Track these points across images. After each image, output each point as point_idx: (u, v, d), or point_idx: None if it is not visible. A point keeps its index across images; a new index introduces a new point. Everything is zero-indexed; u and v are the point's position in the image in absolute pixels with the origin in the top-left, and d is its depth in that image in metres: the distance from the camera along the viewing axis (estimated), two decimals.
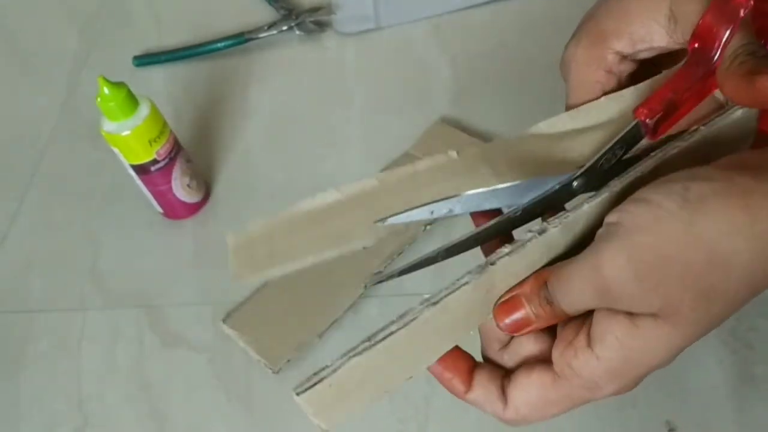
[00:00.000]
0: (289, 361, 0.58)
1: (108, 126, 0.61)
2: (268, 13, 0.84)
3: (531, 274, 0.35)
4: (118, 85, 0.59)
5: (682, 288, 0.30)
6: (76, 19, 0.89)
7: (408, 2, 0.82)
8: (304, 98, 0.77)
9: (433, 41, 0.77)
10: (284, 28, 0.81)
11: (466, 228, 0.49)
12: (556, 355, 0.34)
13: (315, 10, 0.82)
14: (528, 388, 0.35)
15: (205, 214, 0.69)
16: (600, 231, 0.32)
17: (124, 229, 0.69)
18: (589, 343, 0.32)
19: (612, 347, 0.32)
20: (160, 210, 0.68)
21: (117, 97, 0.59)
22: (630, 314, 0.31)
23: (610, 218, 0.31)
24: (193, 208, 0.69)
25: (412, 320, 0.35)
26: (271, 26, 0.81)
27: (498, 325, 0.35)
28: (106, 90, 0.59)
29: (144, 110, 0.61)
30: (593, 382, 0.33)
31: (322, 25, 0.82)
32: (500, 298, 0.35)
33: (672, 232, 0.29)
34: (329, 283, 0.61)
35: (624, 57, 0.39)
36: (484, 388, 0.36)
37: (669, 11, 0.37)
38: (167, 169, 0.64)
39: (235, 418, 0.57)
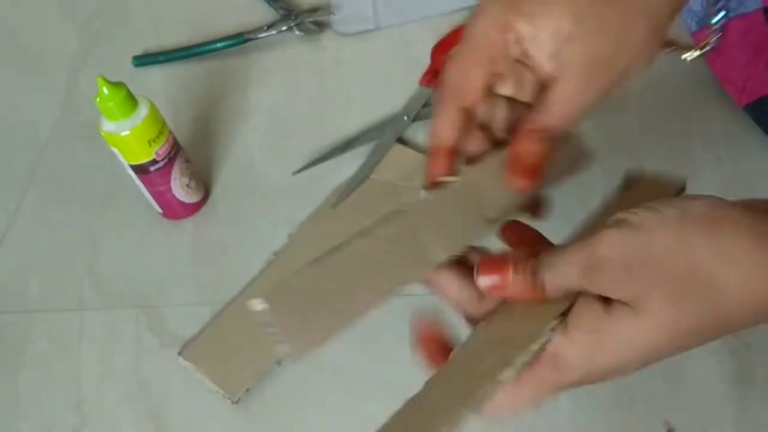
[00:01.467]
0: (248, 390, 0.57)
1: (107, 126, 0.61)
2: (267, 14, 0.84)
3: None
4: (118, 85, 0.59)
5: (654, 286, 0.32)
6: (75, 19, 0.89)
7: (407, 3, 0.82)
8: (304, 98, 0.77)
9: (432, 42, 0.77)
10: (283, 28, 0.81)
11: None
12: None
13: (314, 10, 0.82)
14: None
15: (204, 214, 0.69)
16: (607, 223, 0.35)
17: (123, 229, 0.69)
18: (565, 330, 0.35)
19: (584, 329, 0.34)
20: (159, 210, 0.68)
21: (116, 97, 0.59)
22: (605, 302, 0.34)
23: (619, 215, 0.34)
24: (192, 209, 0.68)
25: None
26: (270, 26, 0.81)
27: (477, 280, 0.36)
28: (105, 90, 0.59)
29: (143, 110, 0.61)
30: (563, 363, 0.35)
31: (321, 26, 0.82)
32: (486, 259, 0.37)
33: (665, 236, 0.33)
34: None
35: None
36: None
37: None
38: (166, 169, 0.64)
39: (234, 419, 0.57)
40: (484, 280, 0.36)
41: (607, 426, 0.53)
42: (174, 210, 0.68)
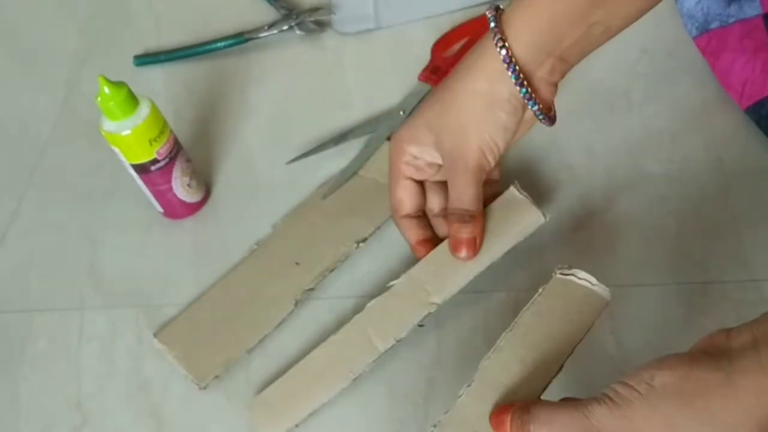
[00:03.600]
0: (217, 377, 0.58)
1: (108, 125, 0.61)
2: (268, 13, 0.84)
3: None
4: (118, 84, 0.59)
5: None
6: (75, 19, 0.89)
7: (408, 2, 0.82)
8: (304, 98, 0.77)
9: (432, 41, 0.77)
10: (284, 27, 0.81)
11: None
12: None
13: (315, 10, 0.82)
14: None
15: (204, 214, 0.69)
16: (589, 398, 0.40)
17: (124, 228, 0.69)
18: None
19: None
20: (160, 209, 0.68)
21: (117, 96, 0.59)
22: None
23: (603, 391, 0.40)
24: (193, 208, 0.68)
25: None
26: (271, 26, 0.81)
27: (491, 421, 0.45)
28: (106, 89, 0.58)
29: (144, 110, 0.61)
30: None
31: (322, 25, 0.82)
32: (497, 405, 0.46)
33: (643, 412, 0.37)
34: (261, 299, 0.61)
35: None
36: None
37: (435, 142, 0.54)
38: (167, 169, 0.64)
39: (235, 418, 0.57)
40: (493, 425, 0.45)
41: None
42: (175, 209, 0.68)
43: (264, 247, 0.65)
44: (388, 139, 0.70)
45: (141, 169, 0.63)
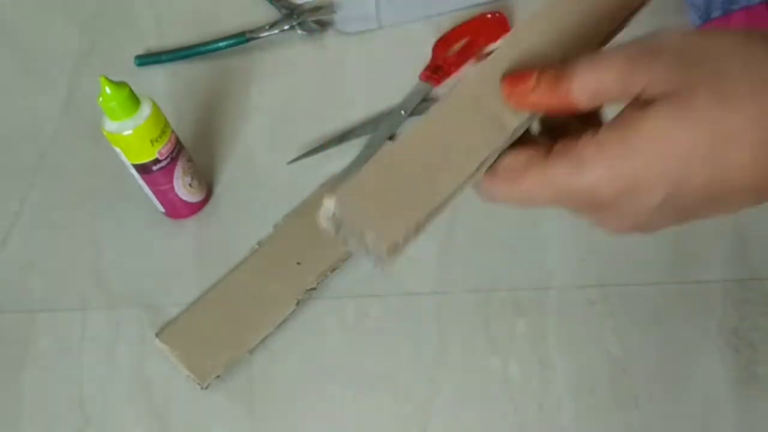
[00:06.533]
0: (218, 377, 0.58)
1: (109, 125, 0.61)
2: (269, 13, 0.84)
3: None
4: (120, 84, 0.59)
5: (705, 83, 0.29)
6: (77, 19, 0.89)
7: (410, 2, 0.81)
8: (306, 97, 0.77)
9: (434, 41, 0.77)
10: (286, 27, 0.81)
11: None
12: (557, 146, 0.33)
13: (316, 9, 0.82)
14: (514, 157, 0.34)
15: (206, 214, 0.69)
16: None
17: (126, 228, 0.69)
18: (594, 132, 0.32)
19: (614, 126, 0.31)
20: (162, 209, 0.68)
21: (118, 96, 0.59)
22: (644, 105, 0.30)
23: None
24: (195, 208, 0.69)
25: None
26: (272, 26, 0.81)
27: (502, 91, 0.34)
28: (107, 89, 0.59)
29: (146, 110, 0.61)
30: (581, 157, 0.31)
31: (323, 25, 0.82)
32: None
33: (730, 36, 0.30)
34: (262, 299, 0.61)
35: None
36: None
37: None
38: (169, 169, 0.64)
39: (237, 418, 0.57)
40: (507, 89, 0.34)
41: (609, 426, 0.53)
42: (176, 209, 0.68)
43: (265, 247, 0.65)
44: (390, 138, 0.70)
45: (143, 169, 0.63)
